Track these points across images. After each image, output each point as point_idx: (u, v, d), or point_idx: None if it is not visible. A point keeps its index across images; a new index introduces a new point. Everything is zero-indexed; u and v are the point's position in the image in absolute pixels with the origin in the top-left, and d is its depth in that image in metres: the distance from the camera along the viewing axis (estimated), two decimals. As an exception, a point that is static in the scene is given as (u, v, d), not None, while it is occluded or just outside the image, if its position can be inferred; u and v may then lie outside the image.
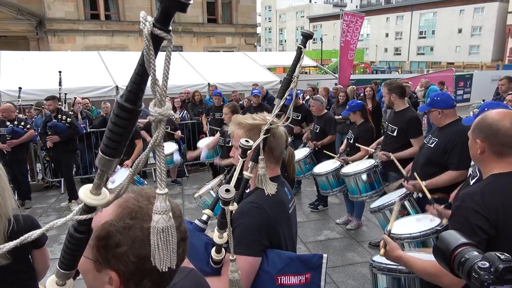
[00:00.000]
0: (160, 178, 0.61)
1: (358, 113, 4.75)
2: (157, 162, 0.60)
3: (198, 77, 10.00)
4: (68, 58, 10.36)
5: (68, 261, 0.68)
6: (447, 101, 3.12)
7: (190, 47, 19.62)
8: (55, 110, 5.90)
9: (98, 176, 0.62)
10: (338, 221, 5.28)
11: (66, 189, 6.29)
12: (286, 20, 74.98)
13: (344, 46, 11.46)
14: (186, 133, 7.91)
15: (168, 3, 0.51)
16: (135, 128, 3.07)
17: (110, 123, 0.58)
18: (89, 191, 0.63)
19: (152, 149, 0.60)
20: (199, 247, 1.44)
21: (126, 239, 0.71)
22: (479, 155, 1.68)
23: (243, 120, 1.61)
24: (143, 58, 0.53)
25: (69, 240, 0.66)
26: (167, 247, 0.62)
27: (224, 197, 1.17)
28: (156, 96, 0.56)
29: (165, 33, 0.52)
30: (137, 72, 0.55)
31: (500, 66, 33.72)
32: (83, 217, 0.64)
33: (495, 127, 1.61)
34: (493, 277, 0.95)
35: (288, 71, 1.52)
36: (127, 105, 0.56)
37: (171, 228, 0.62)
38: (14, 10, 17.02)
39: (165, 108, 0.57)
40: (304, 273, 1.48)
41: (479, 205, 1.54)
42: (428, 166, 3.12)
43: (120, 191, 0.66)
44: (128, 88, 0.56)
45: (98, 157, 0.60)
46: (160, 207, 0.61)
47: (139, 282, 0.75)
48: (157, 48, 0.53)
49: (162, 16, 0.52)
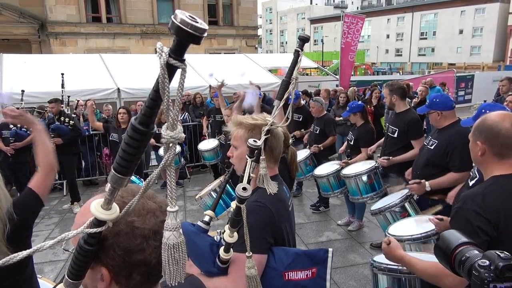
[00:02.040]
0: (171, 196, 0.64)
1: (359, 115, 4.76)
2: (168, 181, 0.63)
3: (199, 79, 10.02)
4: (70, 61, 10.40)
5: (77, 271, 0.71)
6: (446, 103, 3.13)
7: (191, 49, 19.32)
8: (58, 113, 5.95)
9: (110, 192, 0.65)
10: (339, 222, 5.29)
11: (69, 191, 6.32)
12: (287, 21, 75.05)
13: (345, 47, 11.48)
14: (187, 135, 7.94)
15: (182, 36, 0.54)
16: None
17: (123, 143, 0.61)
18: (100, 205, 0.66)
19: (163, 169, 0.63)
20: (204, 248, 1.47)
21: (111, 232, 0.73)
22: (480, 157, 1.68)
23: (244, 120, 1.64)
24: (158, 85, 0.56)
25: (78, 251, 0.69)
26: (178, 262, 0.65)
27: (241, 195, 1.19)
28: (169, 120, 0.59)
29: (180, 62, 0.55)
30: (151, 97, 0.58)
31: (501, 66, 33.66)
32: (93, 231, 0.67)
33: (496, 128, 1.62)
34: (493, 275, 0.96)
35: (286, 74, 1.54)
36: (140, 127, 0.59)
37: (181, 245, 0.65)
38: (16, 13, 17.10)
39: (177, 131, 0.60)
40: (310, 268, 1.51)
41: (480, 206, 1.55)
42: (428, 168, 3.13)
43: (130, 207, 0.69)
44: (142, 111, 0.59)
45: (111, 175, 0.63)
46: (171, 224, 0.64)
47: (129, 275, 0.77)
48: (171, 76, 0.56)
49: (177, 48, 0.55)
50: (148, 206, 0.78)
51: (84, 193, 6.92)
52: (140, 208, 0.77)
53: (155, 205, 0.79)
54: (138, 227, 0.75)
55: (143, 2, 18.89)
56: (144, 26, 19.06)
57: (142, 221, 0.75)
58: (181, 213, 5.90)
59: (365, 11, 58.93)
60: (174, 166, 5.57)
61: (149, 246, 0.75)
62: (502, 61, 39.88)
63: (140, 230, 0.74)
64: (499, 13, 43.05)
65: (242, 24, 21.62)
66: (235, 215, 1.30)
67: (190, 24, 0.53)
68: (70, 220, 5.73)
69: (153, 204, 0.79)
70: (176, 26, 0.53)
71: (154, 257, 0.75)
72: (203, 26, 0.54)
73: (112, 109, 7.76)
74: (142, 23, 19.02)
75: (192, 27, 0.53)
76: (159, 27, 19.15)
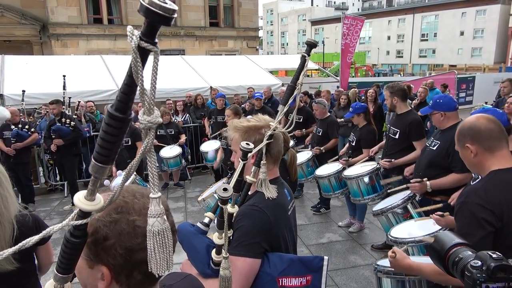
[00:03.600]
0: (153, 182, 0.63)
1: (362, 116, 4.75)
2: (148, 167, 0.62)
3: (200, 80, 10.03)
4: (71, 62, 10.42)
5: (66, 265, 0.70)
6: (450, 104, 3.12)
7: (192, 51, 19.68)
8: (59, 114, 5.95)
9: (92, 182, 0.65)
10: (340, 223, 5.28)
11: (70, 192, 6.33)
12: (288, 23, 75.16)
13: (344, 49, 11.50)
14: (189, 136, 7.93)
15: (152, 18, 0.53)
16: (136, 130, 3.14)
17: (101, 131, 0.60)
18: (84, 197, 0.65)
19: (143, 156, 0.61)
20: (200, 249, 1.46)
21: (112, 232, 0.74)
22: (474, 158, 1.73)
23: (238, 124, 1.65)
24: (131, 69, 0.55)
25: (65, 244, 0.68)
26: (164, 250, 0.64)
27: (221, 196, 1.19)
28: (145, 105, 0.58)
29: (152, 45, 0.55)
30: (125, 82, 0.57)
31: (502, 68, 33.64)
32: (78, 223, 0.66)
33: (475, 127, 1.73)
34: (485, 275, 0.98)
35: (292, 79, 1.54)
36: (117, 114, 0.58)
37: (166, 231, 0.64)
38: (18, 15, 17.14)
39: (154, 116, 0.59)
40: (305, 275, 1.49)
41: (483, 199, 1.58)
42: (430, 169, 3.12)
43: (114, 196, 0.68)
44: (117, 98, 0.58)
45: (91, 164, 0.62)
46: (154, 211, 0.63)
47: (129, 274, 0.77)
48: (144, 59, 0.55)
49: (148, 29, 0.54)
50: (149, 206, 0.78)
51: (85, 194, 6.91)
52: (141, 207, 0.77)
53: None
54: (139, 226, 0.75)
55: (144, 4, 18.94)
56: (145, 28, 19.12)
57: (143, 220, 0.75)
58: (182, 214, 5.90)
59: (366, 12, 59.07)
60: (176, 167, 5.60)
61: None
62: (503, 63, 39.84)
63: (142, 229, 0.74)
64: (500, 14, 43.05)
65: (243, 26, 21.64)
66: (219, 216, 1.30)
67: (159, 5, 0.52)
68: (71, 221, 5.72)
69: None
70: (144, 8, 0.52)
71: None
72: (172, 7, 0.53)
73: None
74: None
75: (160, 7, 0.52)
76: (160, 29, 19.20)
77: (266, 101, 7.95)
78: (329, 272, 4.06)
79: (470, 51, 47.05)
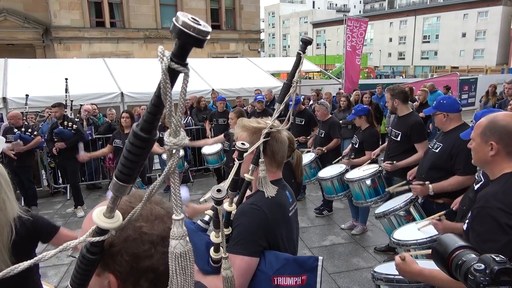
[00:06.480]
0: (176, 204, 0.62)
1: (364, 118, 4.75)
2: (172, 189, 0.61)
3: (202, 83, 10.05)
4: (74, 65, 10.46)
5: (80, 280, 0.69)
6: (453, 105, 3.10)
7: (194, 53, 19.20)
8: (61, 117, 5.97)
9: (112, 200, 0.64)
10: (343, 226, 5.26)
11: (72, 195, 6.34)
12: (290, 25, 75.28)
13: (351, 51, 11.46)
14: (191, 139, 7.95)
15: (185, 40, 0.51)
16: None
17: (125, 150, 0.59)
18: (103, 214, 0.65)
19: (167, 177, 0.61)
20: (200, 246, 1.48)
21: (119, 238, 0.72)
22: (491, 157, 1.66)
23: (247, 123, 1.65)
24: (160, 90, 0.54)
25: (81, 260, 0.68)
26: (185, 272, 0.62)
27: (215, 197, 1.19)
28: (171, 127, 0.57)
29: (182, 67, 0.53)
30: (153, 103, 0.56)
31: (505, 69, 33.54)
32: (96, 239, 0.66)
33: (511, 128, 1.62)
34: (488, 278, 0.97)
35: (288, 77, 1.54)
36: (142, 134, 0.57)
37: (188, 253, 0.63)
38: (20, 19, 17.25)
39: (180, 138, 0.58)
40: (300, 275, 1.50)
41: (504, 203, 1.52)
42: (433, 171, 3.10)
43: (133, 215, 0.67)
44: (144, 117, 0.57)
45: (112, 183, 0.61)
46: (177, 232, 0.62)
47: (136, 282, 0.76)
48: (174, 80, 0.54)
49: (180, 51, 0.53)
50: (156, 212, 0.77)
51: (88, 197, 6.93)
52: (148, 213, 0.76)
53: (163, 210, 0.78)
54: (146, 233, 0.74)
55: (147, 7, 19.01)
56: (148, 31, 19.16)
57: (150, 227, 0.74)
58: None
59: (367, 14, 59.06)
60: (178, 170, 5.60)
61: (157, 252, 0.74)
62: (506, 64, 39.76)
63: (148, 236, 0.73)
64: (502, 16, 42.98)
65: (244, 28, 21.69)
66: (215, 216, 1.31)
67: (193, 26, 0.50)
68: (73, 224, 5.74)
69: (161, 210, 0.78)
70: (178, 29, 0.50)
71: (161, 264, 0.74)
72: (206, 29, 0.51)
73: (116, 113, 7.79)
74: (146, 27, 19.12)
75: (194, 30, 0.50)
76: (162, 32, 19.23)
77: (268, 104, 7.96)
78: (332, 275, 4.05)
79: (472, 52, 46.95)
